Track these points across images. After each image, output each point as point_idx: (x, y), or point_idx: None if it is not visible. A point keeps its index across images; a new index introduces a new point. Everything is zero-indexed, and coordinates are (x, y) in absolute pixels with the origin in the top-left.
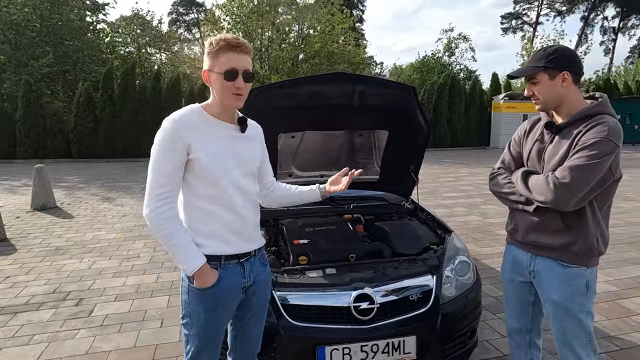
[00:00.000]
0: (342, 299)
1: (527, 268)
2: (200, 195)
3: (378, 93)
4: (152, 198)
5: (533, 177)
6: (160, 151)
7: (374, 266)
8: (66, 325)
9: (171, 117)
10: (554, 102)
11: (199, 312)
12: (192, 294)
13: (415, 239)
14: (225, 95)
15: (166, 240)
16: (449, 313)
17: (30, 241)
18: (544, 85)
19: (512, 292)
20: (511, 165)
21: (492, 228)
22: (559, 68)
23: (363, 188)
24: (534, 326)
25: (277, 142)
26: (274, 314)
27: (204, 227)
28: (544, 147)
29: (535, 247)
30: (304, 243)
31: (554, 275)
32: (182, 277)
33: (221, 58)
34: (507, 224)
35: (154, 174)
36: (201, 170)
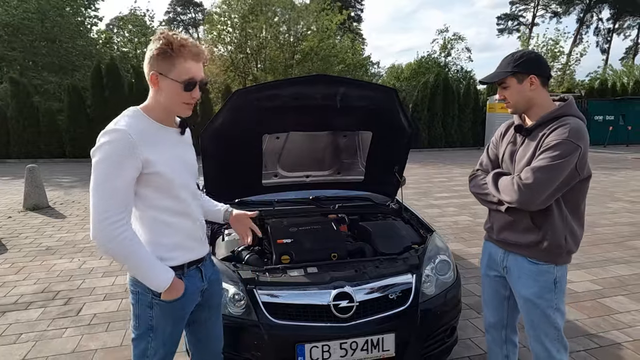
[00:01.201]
0: (322, 298)
1: (500, 264)
2: (159, 207)
3: (360, 95)
4: (104, 219)
5: (503, 178)
6: (111, 167)
7: (355, 265)
8: (54, 324)
9: (118, 127)
10: (523, 105)
11: (164, 325)
12: (158, 308)
13: (397, 238)
14: (176, 103)
15: (131, 261)
16: (429, 311)
17: (21, 241)
18: (513, 89)
19: (488, 286)
20: (488, 167)
21: (482, 228)
22: (526, 72)
23: (348, 188)
24: (509, 322)
25: (262, 143)
26: (255, 312)
27: (167, 240)
28: (515, 149)
29: (507, 244)
30: (288, 242)
31: (524, 272)
32: (137, 290)
33: (179, 65)
34: (485, 222)
35: (105, 194)
36: (161, 183)
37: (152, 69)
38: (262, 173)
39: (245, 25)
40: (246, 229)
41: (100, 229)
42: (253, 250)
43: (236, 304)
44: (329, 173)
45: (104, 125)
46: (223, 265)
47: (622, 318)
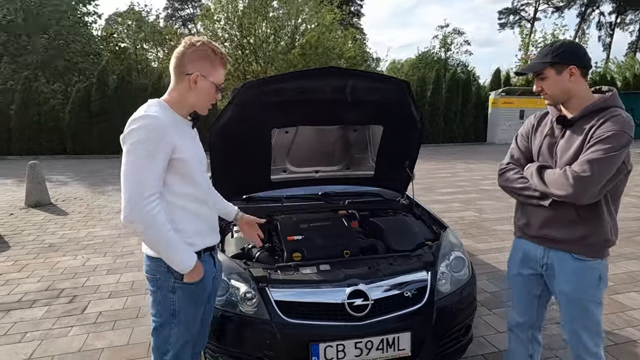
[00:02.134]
0: (336, 296)
1: (539, 262)
2: (182, 194)
3: (371, 87)
4: (143, 199)
5: (549, 171)
6: (145, 150)
7: (369, 262)
8: (59, 322)
9: (150, 113)
10: (562, 97)
11: (187, 308)
12: (181, 291)
13: (410, 235)
14: (205, 103)
15: (162, 242)
16: (444, 309)
17: (23, 238)
18: (551, 81)
19: (519, 286)
20: (521, 160)
21: (489, 224)
22: (565, 62)
23: (358, 184)
24: (537, 321)
25: (271, 138)
26: (267, 311)
27: (189, 226)
28: (555, 141)
29: (550, 241)
30: (298, 239)
31: (568, 268)
32: (159, 277)
33: (218, 70)
34: (517, 218)
35: (140, 175)
36: (184, 169)
37: (195, 70)
38: (270, 168)
39: (243, 20)
40: (254, 234)
41: (134, 208)
42: (263, 247)
43: (247, 303)
44: (338, 168)
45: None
46: (233, 262)
47: (636, 315)
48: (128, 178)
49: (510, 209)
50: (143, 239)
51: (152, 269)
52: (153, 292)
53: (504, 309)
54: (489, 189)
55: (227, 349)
